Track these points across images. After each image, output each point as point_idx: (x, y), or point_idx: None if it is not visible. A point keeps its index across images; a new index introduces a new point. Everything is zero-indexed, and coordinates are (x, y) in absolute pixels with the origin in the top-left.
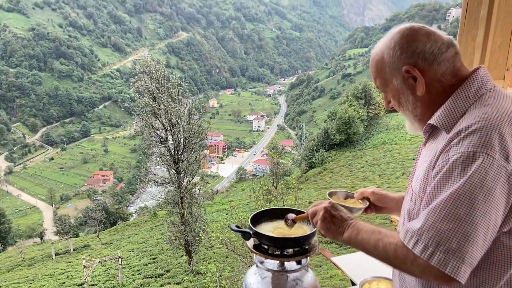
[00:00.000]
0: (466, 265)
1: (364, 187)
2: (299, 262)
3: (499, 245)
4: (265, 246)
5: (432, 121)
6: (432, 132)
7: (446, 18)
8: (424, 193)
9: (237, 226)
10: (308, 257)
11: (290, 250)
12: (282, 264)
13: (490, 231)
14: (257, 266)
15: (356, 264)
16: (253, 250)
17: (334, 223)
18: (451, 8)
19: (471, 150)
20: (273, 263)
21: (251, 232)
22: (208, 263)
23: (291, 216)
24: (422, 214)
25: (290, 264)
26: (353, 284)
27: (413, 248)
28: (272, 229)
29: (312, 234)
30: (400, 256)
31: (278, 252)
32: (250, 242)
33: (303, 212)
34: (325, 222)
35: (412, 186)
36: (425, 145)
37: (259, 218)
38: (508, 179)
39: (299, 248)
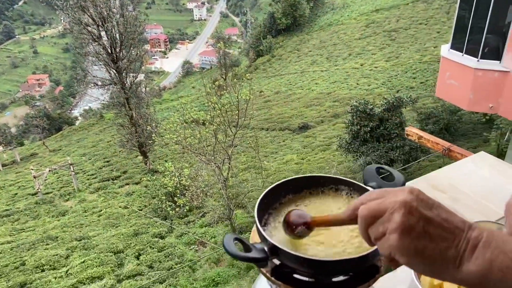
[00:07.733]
0: None
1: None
2: None
3: None
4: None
5: None
6: None
7: None
8: None
9: (236, 239)
10: None
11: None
12: None
13: None
14: None
15: None
16: (274, 279)
17: (432, 239)
18: None
19: None
20: None
21: (266, 249)
22: (165, 161)
23: (301, 216)
24: None
25: None
26: None
27: None
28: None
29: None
30: None
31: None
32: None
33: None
34: (412, 236)
35: None
36: None
37: (271, 203)
38: None
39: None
